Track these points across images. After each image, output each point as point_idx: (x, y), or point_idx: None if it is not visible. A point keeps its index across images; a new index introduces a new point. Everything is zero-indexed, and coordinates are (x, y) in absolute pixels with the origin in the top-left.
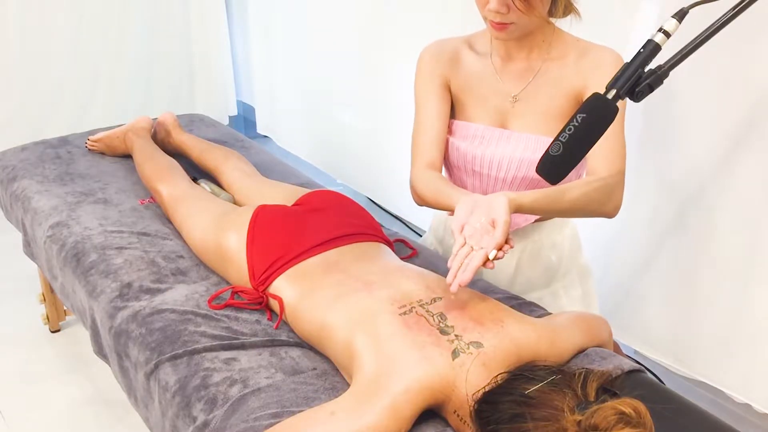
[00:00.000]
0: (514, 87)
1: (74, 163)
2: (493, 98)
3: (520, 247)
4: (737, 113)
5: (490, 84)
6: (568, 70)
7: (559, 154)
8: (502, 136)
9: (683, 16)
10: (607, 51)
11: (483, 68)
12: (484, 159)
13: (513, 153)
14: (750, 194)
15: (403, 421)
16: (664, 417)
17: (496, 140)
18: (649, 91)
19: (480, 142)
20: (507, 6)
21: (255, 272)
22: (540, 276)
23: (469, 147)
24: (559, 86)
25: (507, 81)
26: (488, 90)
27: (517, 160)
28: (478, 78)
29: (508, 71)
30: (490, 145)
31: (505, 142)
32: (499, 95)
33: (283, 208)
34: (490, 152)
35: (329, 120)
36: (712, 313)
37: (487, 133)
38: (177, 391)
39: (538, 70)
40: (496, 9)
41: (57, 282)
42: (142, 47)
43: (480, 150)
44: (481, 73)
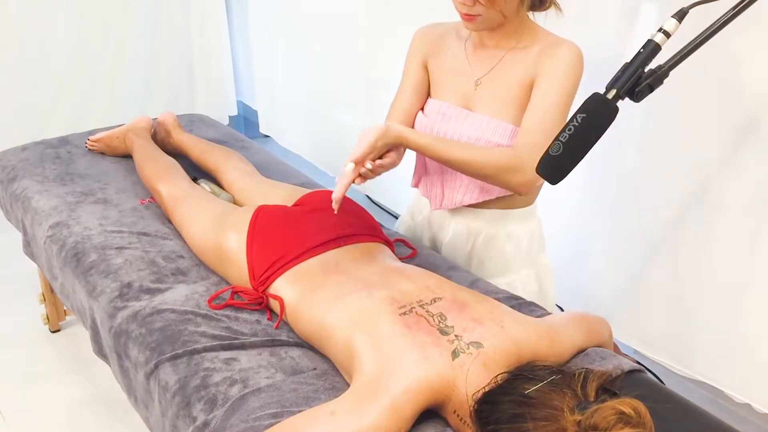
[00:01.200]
0: (479, 71)
1: (74, 163)
2: (460, 80)
3: (476, 230)
4: (737, 113)
5: (460, 67)
6: (529, 61)
7: (559, 154)
8: (461, 116)
9: (683, 16)
10: (568, 43)
11: (457, 52)
12: (440, 133)
13: (468, 132)
14: (750, 194)
15: (403, 421)
16: (664, 417)
17: (455, 118)
18: (649, 91)
19: (441, 118)
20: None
21: (255, 272)
22: (495, 264)
23: (428, 122)
24: (517, 75)
25: (474, 65)
26: (457, 72)
27: (472, 140)
28: (451, 60)
29: (477, 57)
30: (449, 121)
31: (462, 120)
32: (466, 78)
33: (283, 209)
34: (446, 128)
35: (329, 119)
36: (712, 312)
37: (449, 111)
38: (177, 391)
39: (502, 57)
40: (462, 1)
41: (57, 282)
42: (142, 47)
43: (437, 125)
44: (455, 56)
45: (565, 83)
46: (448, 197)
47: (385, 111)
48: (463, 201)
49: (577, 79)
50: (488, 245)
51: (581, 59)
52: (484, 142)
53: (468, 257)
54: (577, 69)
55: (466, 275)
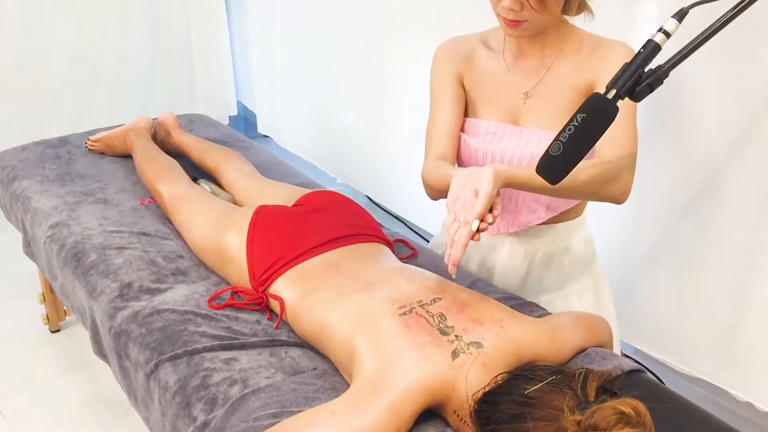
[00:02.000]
0: (526, 83)
1: (74, 163)
2: (505, 95)
3: (533, 249)
4: (737, 113)
5: (501, 81)
6: (580, 66)
7: (559, 154)
8: (513, 133)
9: (683, 16)
10: (620, 44)
11: (495, 65)
12: (495, 155)
13: (525, 149)
14: (750, 194)
15: (403, 421)
16: (664, 417)
17: (508, 136)
18: (649, 91)
19: (491, 138)
20: (521, 4)
21: (255, 273)
22: (552, 279)
23: (479, 144)
24: (571, 82)
25: (519, 77)
26: (500, 87)
27: (529, 156)
28: (490, 75)
29: (520, 68)
30: (501, 141)
31: (517, 138)
32: (511, 92)
33: (284, 209)
34: (501, 148)
35: (329, 120)
36: (713, 311)
37: (498, 130)
38: (177, 391)
39: (551, 66)
40: (510, 6)
41: (57, 282)
42: (142, 47)
43: (491, 146)
44: (494, 70)
45: None
46: (507, 221)
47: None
48: (529, 222)
49: None
50: (547, 263)
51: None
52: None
53: (523, 278)
54: None
55: (467, 275)
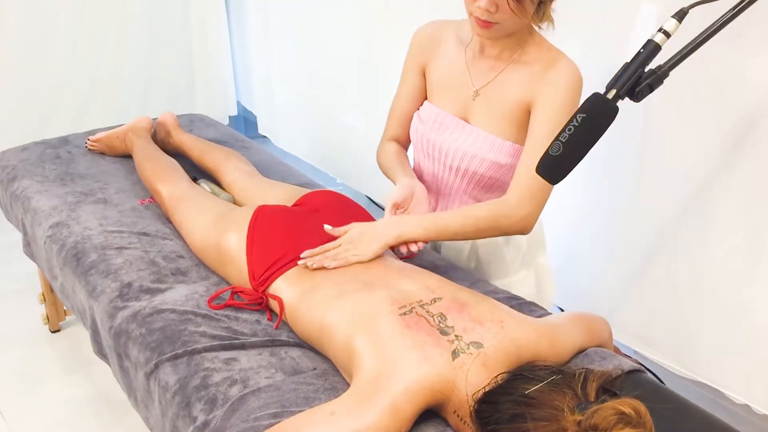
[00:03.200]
0: (478, 81)
1: (74, 163)
2: (459, 89)
3: None
4: (737, 113)
5: (459, 74)
6: (530, 80)
7: (559, 154)
8: (457, 127)
9: (683, 16)
10: (568, 70)
11: (457, 57)
12: (435, 145)
13: (463, 146)
14: (750, 194)
15: (403, 421)
16: (664, 417)
17: (452, 129)
18: (649, 91)
19: (438, 127)
20: (496, 5)
21: (255, 273)
22: (495, 267)
23: (425, 130)
24: (516, 93)
25: (474, 74)
26: (456, 79)
27: (469, 155)
28: (450, 66)
29: (477, 65)
30: (444, 132)
31: (459, 132)
32: (464, 87)
33: (284, 209)
34: (442, 139)
35: (329, 120)
36: (712, 313)
37: (446, 121)
38: (177, 391)
39: (503, 70)
40: (486, 7)
41: (57, 282)
42: (142, 47)
43: (434, 135)
44: (454, 62)
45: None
46: (441, 208)
47: (386, 111)
48: None
49: (574, 106)
50: (488, 249)
51: (580, 82)
52: (480, 158)
53: (467, 259)
54: (575, 94)
55: (467, 275)
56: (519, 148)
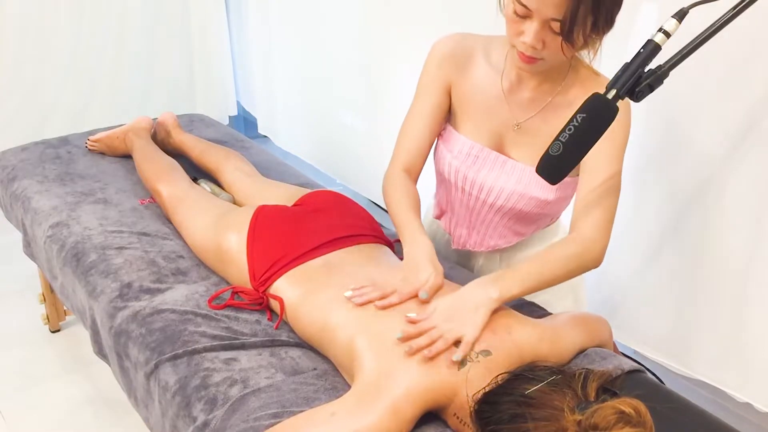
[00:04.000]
0: (520, 114)
1: (74, 163)
2: (496, 120)
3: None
4: (737, 113)
5: (494, 104)
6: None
7: (559, 154)
8: (497, 162)
9: (683, 16)
10: None
11: (491, 85)
12: (475, 182)
13: (506, 182)
14: (750, 194)
15: (404, 423)
16: (664, 417)
17: (491, 164)
18: (649, 91)
19: (474, 162)
20: (543, 42)
21: (255, 273)
22: None
23: (462, 166)
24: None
25: (513, 106)
26: (492, 110)
27: (509, 191)
28: (484, 93)
29: (516, 97)
30: (483, 168)
31: (500, 168)
32: (503, 119)
33: (284, 209)
34: (483, 176)
35: (329, 120)
36: (712, 313)
37: (481, 154)
38: (177, 391)
39: (547, 103)
40: (532, 44)
41: (57, 282)
42: (142, 47)
43: (472, 172)
44: (489, 90)
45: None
46: (475, 240)
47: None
48: (497, 245)
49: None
50: None
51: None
52: (527, 197)
53: None
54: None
55: (467, 275)
56: (570, 181)
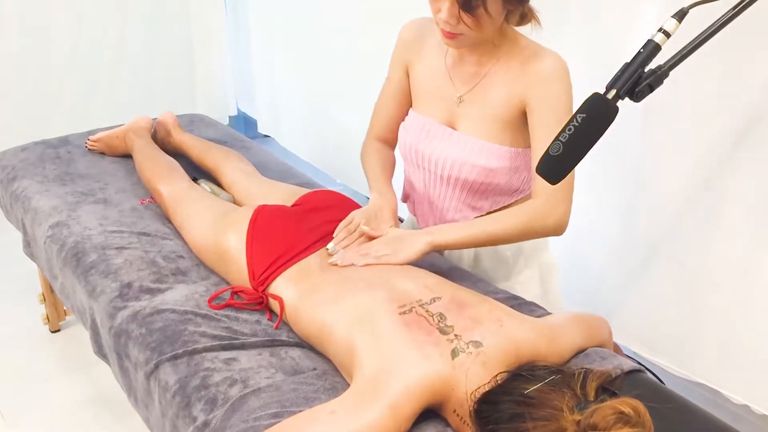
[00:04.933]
0: (461, 87)
1: (74, 163)
2: (442, 95)
3: None
4: (737, 113)
5: (441, 80)
6: (511, 76)
7: (559, 154)
8: (444, 134)
9: (683, 16)
10: (550, 60)
11: (438, 63)
12: (424, 155)
13: (454, 154)
14: (750, 194)
15: (403, 421)
16: (663, 417)
17: (439, 138)
18: (649, 91)
19: (425, 136)
20: (456, 17)
21: (255, 272)
22: (497, 269)
23: (413, 141)
24: (501, 92)
25: (456, 81)
26: (439, 86)
27: (459, 163)
28: (432, 72)
29: (458, 71)
30: (432, 141)
31: (447, 140)
32: (447, 93)
33: (283, 208)
34: (431, 149)
35: (329, 120)
36: (711, 314)
37: (432, 129)
38: (177, 391)
39: (485, 74)
40: (446, 19)
41: (57, 282)
42: (142, 47)
43: (422, 146)
44: (436, 68)
45: (560, 105)
46: (436, 216)
47: None
48: (454, 220)
49: (569, 95)
50: (491, 253)
51: (567, 71)
52: (469, 165)
53: (473, 265)
54: (567, 84)
55: (467, 275)
56: (513, 150)
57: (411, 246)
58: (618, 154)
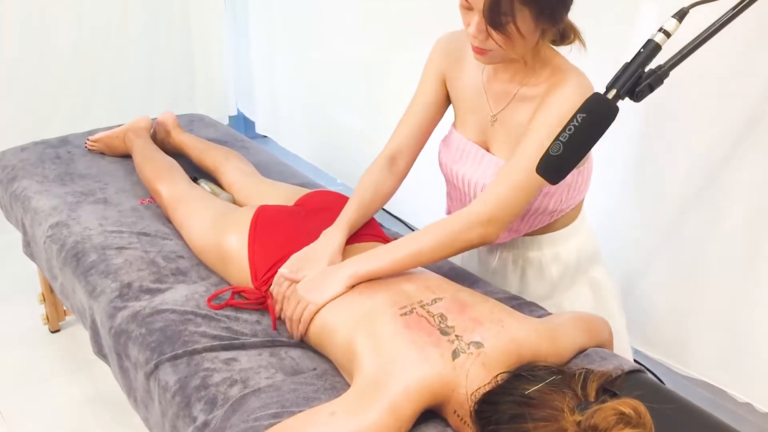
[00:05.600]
0: (495, 107)
1: (74, 163)
2: (479, 113)
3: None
4: (737, 113)
5: (477, 97)
6: (537, 99)
7: (559, 154)
8: (477, 156)
9: (683, 16)
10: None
11: (475, 79)
12: (459, 176)
13: (481, 175)
14: (750, 194)
15: (403, 422)
16: (664, 417)
17: (472, 159)
18: (649, 91)
19: (459, 156)
20: (485, 34)
21: (257, 272)
22: (541, 288)
23: (451, 160)
24: (528, 115)
25: (490, 98)
26: (475, 103)
27: (482, 184)
28: (470, 87)
29: (492, 89)
30: (466, 162)
31: (479, 163)
32: (483, 112)
33: (284, 208)
34: (465, 170)
35: (329, 120)
36: (712, 312)
37: (466, 149)
38: (177, 391)
39: (515, 94)
40: (474, 34)
41: (57, 282)
42: (142, 47)
43: (458, 166)
44: (474, 84)
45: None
46: None
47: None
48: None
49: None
50: (536, 269)
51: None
52: None
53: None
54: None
55: (467, 275)
56: None
57: (334, 281)
58: (618, 154)
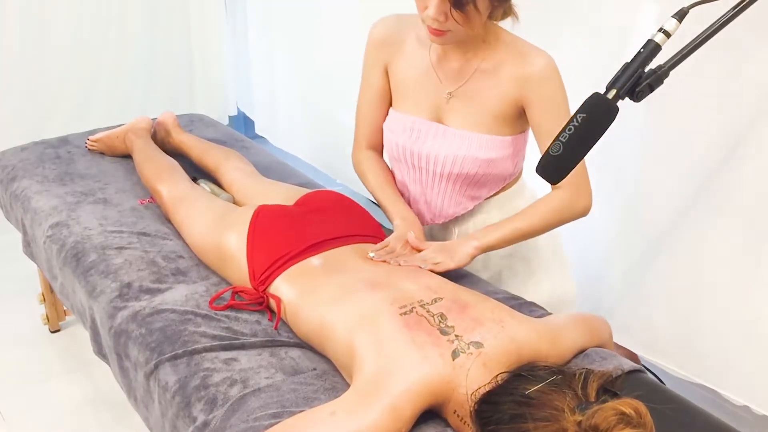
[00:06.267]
0: (450, 84)
1: (74, 163)
2: (428, 92)
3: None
4: (737, 113)
5: (425, 77)
6: (504, 74)
7: (559, 154)
8: (437, 131)
9: (683, 16)
10: (542, 60)
11: (421, 59)
12: (420, 154)
13: (448, 149)
14: (750, 195)
15: (403, 422)
16: (664, 417)
17: (432, 135)
18: (650, 91)
19: (417, 136)
20: (445, 14)
21: (255, 272)
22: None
23: (406, 142)
24: (494, 88)
25: (443, 77)
26: (424, 83)
27: (452, 157)
28: (415, 69)
29: (444, 68)
30: (426, 140)
31: (441, 137)
32: (435, 90)
33: (284, 208)
34: (426, 148)
35: (329, 120)
36: (711, 314)
37: (423, 127)
38: (177, 391)
39: (474, 70)
40: (434, 17)
41: (57, 282)
42: (142, 47)
43: (416, 146)
44: (419, 65)
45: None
46: (434, 213)
47: None
48: (456, 213)
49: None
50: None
51: (556, 67)
52: (471, 158)
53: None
54: (560, 79)
55: (468, 275)
56: (510, 138)
57: (462, 251)
58: (617, 154)
